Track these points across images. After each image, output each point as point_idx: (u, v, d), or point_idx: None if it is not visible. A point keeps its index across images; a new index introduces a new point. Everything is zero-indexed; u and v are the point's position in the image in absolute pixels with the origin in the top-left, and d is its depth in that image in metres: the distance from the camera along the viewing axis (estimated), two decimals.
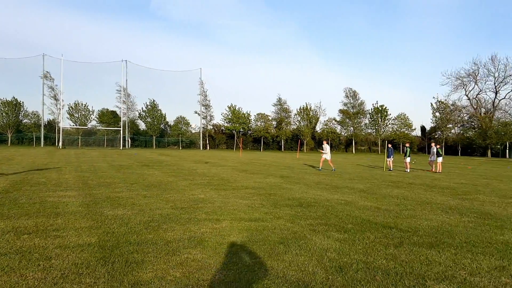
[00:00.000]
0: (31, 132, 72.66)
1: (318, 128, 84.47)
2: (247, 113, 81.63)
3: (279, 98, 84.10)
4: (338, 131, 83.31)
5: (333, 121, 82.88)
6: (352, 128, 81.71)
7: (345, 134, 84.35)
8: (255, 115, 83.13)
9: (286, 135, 79.73)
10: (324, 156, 22.60)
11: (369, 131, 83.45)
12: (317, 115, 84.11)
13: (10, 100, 72.50)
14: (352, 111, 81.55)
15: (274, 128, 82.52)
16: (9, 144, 70.05)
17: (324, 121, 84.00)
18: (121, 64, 71.23)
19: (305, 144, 78.96)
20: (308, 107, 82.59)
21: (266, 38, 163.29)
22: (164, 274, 4.48)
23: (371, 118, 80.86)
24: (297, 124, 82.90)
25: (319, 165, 22.78)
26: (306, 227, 7.07)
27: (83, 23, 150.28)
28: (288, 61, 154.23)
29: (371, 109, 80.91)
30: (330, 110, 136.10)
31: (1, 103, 71.93)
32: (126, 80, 72.98)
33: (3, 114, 71.96)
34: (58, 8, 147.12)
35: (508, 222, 7.91)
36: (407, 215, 8.51)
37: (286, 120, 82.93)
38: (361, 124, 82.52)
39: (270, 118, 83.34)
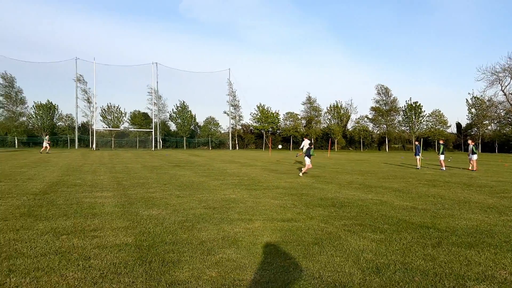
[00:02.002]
0: (65, 134, 74.62)
1: (350, 126, 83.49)
2: (276, 112, 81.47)
3: (309, 96, 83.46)
4: (370, 129, 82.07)
5: (365, 118, 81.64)
6: (385, 125, 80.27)
7: (378, 132, 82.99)
8: (284, 114, 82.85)
9: (316, 134, 79.13)
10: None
11: (402, 128, 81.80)
12: (348, 113, 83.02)
13: (44, 103, 74.72)
14: (385, 108, 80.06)
15: (304, 127, 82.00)
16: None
17: (356, 119, 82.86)
18: (151, 66, 72.29)
19: (336, 142, 78.18)
20: (339, 105, 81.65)
21: (293, 36, 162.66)
22: (200, 274, 4.51)
23: (405, 115, 79.13)
24: (328, 122, 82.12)
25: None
26: (341, 227, 6.99)
27: (114, 26, 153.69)
28: (316, 59, 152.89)
29: (404, 106, 79.14)
30: (361, 108, 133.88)
31: (36, 106, 74.02)
32: (157, 82, 74.03)
33: (38, 117, 74.20)
34: (89, 12, 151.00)
35: None
36: (445, 214, 8.30)
37: (316, 118, 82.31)
38: (394, 122, 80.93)
39: (299, 117, 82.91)
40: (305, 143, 24.30)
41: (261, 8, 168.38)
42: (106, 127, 76.35)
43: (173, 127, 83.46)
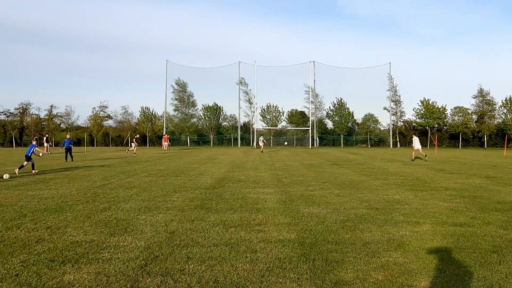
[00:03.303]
0: (229, 134, 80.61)
1: None
2: (442, 107, 75.53)
3: (481, 89, 75.19)
4: None
5: None
6: None
7: None
8: (451, 109, 76.29)
9: (490, 130, 71.08)
10: (415, 148, 26.25)
11: None
12: None
13: (211, 105, 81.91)
14: None
15: (475, 122, 74.37)
16: (211, 145, 78.87)
17: None
18: (309, 65, 73.34)
19: None
20: None
21: (462, 25, 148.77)
22: (365, 276, 4.37)
23: None
24: (503, 117, 73.01)
25: (412, 156, 26.61)
26: None
27: (273, 29, 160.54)
28: (489, 47, 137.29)
29: None
30: None
31: (205, 108, 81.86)
32: (314, 81, 74.79)
33: (206, 118, 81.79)
34: (250, 17, 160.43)
35: None
36: None
37: (489, 113, 73.88)
38: None
39: (469, 111, 75.41)
40: (415, 140, 26.22)
41: None
42: (266, 126, 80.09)
43: (329, 124, 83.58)
